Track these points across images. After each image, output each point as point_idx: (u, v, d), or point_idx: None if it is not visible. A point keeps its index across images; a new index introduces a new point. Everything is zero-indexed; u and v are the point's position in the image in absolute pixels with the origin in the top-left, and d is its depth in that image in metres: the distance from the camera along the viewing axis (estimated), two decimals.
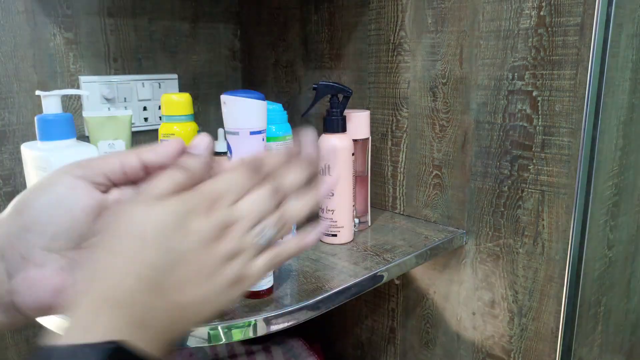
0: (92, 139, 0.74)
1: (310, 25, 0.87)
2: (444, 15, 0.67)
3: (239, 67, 1.04)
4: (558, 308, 0.60)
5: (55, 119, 0.52)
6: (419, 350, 0.78)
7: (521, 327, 0.64)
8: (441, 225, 0.71)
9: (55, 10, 0.78)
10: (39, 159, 0.50)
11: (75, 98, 0.82)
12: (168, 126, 0.66)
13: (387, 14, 0.73)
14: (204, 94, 0.99)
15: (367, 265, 0.58)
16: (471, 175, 0.67)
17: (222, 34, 1.00)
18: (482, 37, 0.63)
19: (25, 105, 0.77)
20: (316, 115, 0.88)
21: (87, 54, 0.82)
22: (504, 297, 0.66)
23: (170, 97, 0.66)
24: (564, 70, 0.56)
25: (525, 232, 0.62)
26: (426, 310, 0.76)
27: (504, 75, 0.61)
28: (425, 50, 0.69)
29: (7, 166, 0.76)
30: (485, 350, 0.69)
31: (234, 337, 0.46)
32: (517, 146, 0.61)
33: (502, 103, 0.62)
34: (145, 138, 0.91)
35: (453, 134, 0.68)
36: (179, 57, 0.94)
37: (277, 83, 0.96)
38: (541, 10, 0.57)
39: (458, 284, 0.71)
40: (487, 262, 0.67)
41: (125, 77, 0.87)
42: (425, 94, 0.70)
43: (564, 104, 0.56)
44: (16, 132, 0.76)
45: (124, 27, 0.86)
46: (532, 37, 0.58)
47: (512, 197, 0.63)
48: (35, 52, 0.77)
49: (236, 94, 0.59)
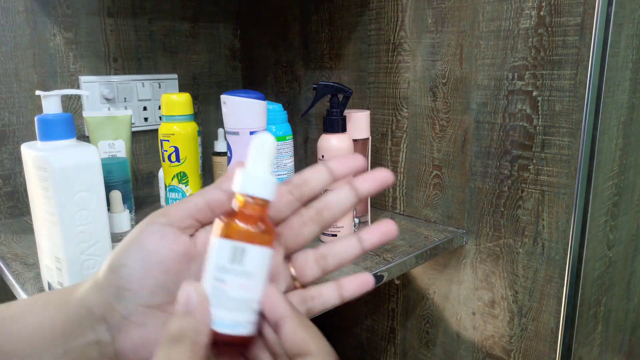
0: (92, 139, 0.74)
1: (310, 25, 0.87)
2: (444, 15, 0.67)
3: (239, 67, 1.04)
4: (558, 308, 0.60)
5: (55, 119, 0.52)
6: (418, 350, 0.78)
7: (521, 327, 0.64)
8: (441, 225, 0.71)
9: (55, 10, 0.78)
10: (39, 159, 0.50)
11: (75, 98, 0.82)
12: (168, 126, 0.66)
13: (387, 14, 0.73)
14: (204, 94, 0.99)
15: (367, 265, 0.58)
16: (471, 175, 0.67)
17: (222, 34, 1.00)
18: (482, 37, 0.63)
19: (25, 105, 0.77)
20: (316, 115, 0.88)
21: (87, 54, 0.82)
22: (504, 297, 0.66)
23: (170, 97, 0.66)
24: (564, 70, 0.56)
25: (525, 232, 0.62)
26: (426, 310, 0.76)
27: (504, 75, 0.61)
28: (425, 50, 0.69)
29: (7, 166, 0.76)
30: (485, 350, 0.69)
31: None
32: (517, 146, 0.61)
33: (502, 103, 0.62)
34: (145, 138, 0.91)
35: (453, 134, 0.68)
36: (179, 57, 0.94)
37: (277, 83, 0.96)
38: (541, 10, 0.57)
39: (458, 284, 0.71)
40: (487, 262, 0.67)
41: (125, 77, 0.87)
42: (425, 94, 0.70)
43: (564, 104, 0.56)
44: (16, 132, 0.76)
45: (124, 27, 0.86)
46: (532, 37, 0.58)
47: (512, 197, 0.63)
48: (35, 52, 0.77)
49: (236, 94, 0.59)
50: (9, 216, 0.77)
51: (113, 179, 0.66)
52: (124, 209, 0.65)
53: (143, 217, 0.88)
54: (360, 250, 0.31)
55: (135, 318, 0.27)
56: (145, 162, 0.92)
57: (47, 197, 0.51)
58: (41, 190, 0.51)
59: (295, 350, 0.26)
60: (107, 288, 0.27)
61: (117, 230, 0.63)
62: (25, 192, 0.77)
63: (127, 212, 0.65)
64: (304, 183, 0.30)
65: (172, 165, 0.67)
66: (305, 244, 0.31)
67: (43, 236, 0.54)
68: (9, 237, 0.68)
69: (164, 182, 0.70)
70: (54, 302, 0.29)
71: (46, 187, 0.50)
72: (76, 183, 0.51)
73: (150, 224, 0.28)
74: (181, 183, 0.68)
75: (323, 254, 0.31)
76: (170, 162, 0.67)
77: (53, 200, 0.50)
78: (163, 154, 0.67)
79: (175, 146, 0.66)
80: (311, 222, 0.31)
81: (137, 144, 0.90)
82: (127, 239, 0.29)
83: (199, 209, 0.29)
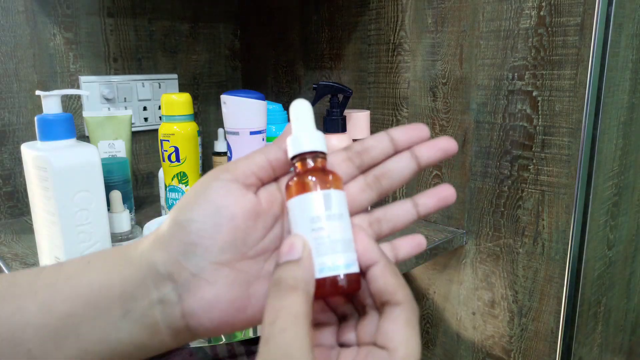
0: (92, 139, 0.74)
1: (310, 25, 0.87)
2: (444, 15, 0.67)
3: (239, 67, 1.04)
4: (558, 308, 0.60)
5: (55, 119, 0.52)
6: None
7: (521, 327, 0.64)
8: (441, 225, 0.71)
9: (55, 10, 0.78)
10: (39, 159, 0.50)
11: (75, 98, 0.82)
12: (168, 126, 0.66)
13: (387, 14, 0.73)
14: (204, 94, 0.99)
15: None
16: (471, 175, 0.67)
17: (222, 34, 1.00)
18: (482, 37, 0.63)
19: (25, 105, 0.77)
20: (316, 115, 0.88)
21: (87, 54, 0.82)
22: (504, 297, 0.66)
23: (170, 97, 0.66)
24: (564, 70, 0.56)
25: (525, 232, 0.62)
26: (426, 310, 0.76)
27: (504, 75, 0.61)
28: (425, 50, 0.69)
29: (7, 166, 0.76)
30: (485, 350, 0.69)
31: (234, 337, 0.46)
32: (517, 146, 0.61)
33: (502, 103, 0.62)
34: (145, 138, 0.91)
35: (453, 134, 0.68)
36: (179, 57, 0.94)
37: (277, 83, 0.96)
38: (541, 10, 0.57)
39: (458, 284, 0.71)
40: (487, 262, 0.67)
41: (125, 77, 0.87)
42: (425, 94, 0.70)
43: (564, 104, 0.56)
44: (16, 132, 0.76)
45: (124, 27, 0.86)
46: (532, 37, 0.58)
47: (512, 197, 0.63)
48: (35, 52, 0.77)
49: (236, 94, 0.59)
50: (9, 216, 0.77)
51: (113, 179, 0.66)
52: (124, 209, 0.65)
53: (143, 217, 0.87)
54: (415, 215, 0.31)
55: (206, 275, 0.26)
56: (145, 162, 0.92)
57: (47, 197, 0.51)
58: (41, 190, 0.51)
59: (386, 297, 0.26)
60: (174, 244, 0.26)
61: (117, 230, 0.63)
62: (25, 192, 0.77)
63: (127, 212, 0.65)
64: (365, 151, 0.30)
65: (172, 165, 0.67)
66: (361, 210, 0.30)
67: (43, 236, 0.54)
68: (9, 237, 0.68)
69: (164, 182, 0.70)
70: (111, 262, 0.27)
71: (46, 187, 0.50)
72: (76, 183, 0.51)
73: (215, 180, 0.27)
74: (181, 183, 0.68)
75: (378, 218, 0.30)
76: (170, 162, 0.67)
77: (53, 200, 0.50)
78: (163, 154, 0.67)
79: (175, 146, 0.66)
80: (369, 188, 0.30)
81: (137, 144, 0.90)
82: (192, 195, 0.27)
83: (262, 166, 0.28)
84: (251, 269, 0.27)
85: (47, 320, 0.26)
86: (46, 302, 0.26)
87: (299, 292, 0.24)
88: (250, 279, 0.27)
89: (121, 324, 0.26)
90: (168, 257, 0.26)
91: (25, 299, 0.26)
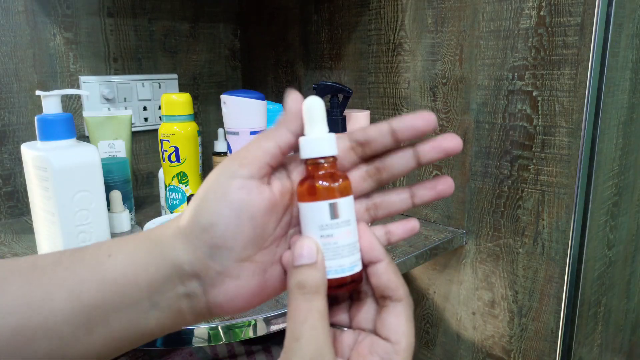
0: (92, 139, 0.74)
1: (310, 25, 0.87)
2: (444, 15, 0.67)
3: (239, 67, 1.04)
4: (558, 308, 0.60)
5: (55, 119, 0.52)
6: (418, 350, 0.78)
7: (521, 327, 0.64)
8: (441, 225, 0.71)
9: (55, 10, 0.78)
10: (39, 159, 0.50)
11: (75, 98, 0.82)
12: (168, 126, 0.66)
13: (387, 14, 0.73)
14: (204, 94, 0.99)
15: None
16: (471, 175, 0.67)
17: (222, 34, 1.00)
18: (482, 37, 0.63)
19: (25, 105, 0.77)
20: None
21: (87, 54, 0.82)
22: (504, 297, 0.66)
23: (170, 97, 0.66)
24: (564, 70, 0.56)
25: (525, 232, 0.62)
26: (426, 310, 0.76)
27: (504, 75, 0.61)
28: (425, 50, 0.69)
29: (7, 166, 0.76)
30: (485, 350, 0.69)
31: (234, 337, 0.46)
32: (517, 146, 0.61)
33: (502, 103, 0.62)
34: (145, 138, 0.91)
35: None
36: (179, 57, 0.94)
37: (277, 83, 0.96)
38: (541, 10, 0.57)
39: (458, 284, 0.71)
40: (487, 262, 0.67)
41: (125, 77, 0.87)
42: (425, 94, 0.70)
43: (564, 104, 0.56)
44: (16, 132, 0.76)
45: (124, 27, 0.86)
46: (532, 37, 0.58)
47: (512, 197, 0.63)
48: (35, 52, 0.77)
49: (236, 94, 0.59)
50: (9, 216, 0.77)
51: (113, 179, 0.66)
52: (124, 209, 0.65)
53: (143, 217, 0.87)
54: (411, 204, 0.32)
55: (230, 272, 0.28)
56: (145, 162, 0.92)
57: (47, 197, 0.51)
58: (41, 190, 0.51)
59: (387, 292, 0.29)
60: (200, 247, 0.28)
61: (117, 230, 0.64)
62: (25, 192, 0.77)
63: (127, 212, 0.65)
64: (367, 144, 0.31)
65: (172, 165, 0.67)
66: (360, 196, 0.32)
67: (43, 236, 0.54)
68: (9, 237, 0.68)
69: (164, 182, 0.70)
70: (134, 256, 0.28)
71: (46, 187, 0.50)
72: (76, 183, 0.51)
73: (233, 178, 0.28)
74: (181, 183, 0.68)
75: (375, 204, 0.32)
76: (170, 162, 0.67)
77: (53, 200, 0.50)
78: (163, 154, 0.67)
79: (175, 146, 0.66)
80: (369, 177, 0.32)
81: (137, 144, 0.90)
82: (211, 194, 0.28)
83: (272, 154, 0.29)
84: (267, 257, 0.29)
85: (77, 309, 0.27)
86: (75, 291, 0.27)
87: (322, 294, 0.27)
88: (266, 267, 0.29)
89: (149, 314, 0.28)
90: (194, 258, 0.28)
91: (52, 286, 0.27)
